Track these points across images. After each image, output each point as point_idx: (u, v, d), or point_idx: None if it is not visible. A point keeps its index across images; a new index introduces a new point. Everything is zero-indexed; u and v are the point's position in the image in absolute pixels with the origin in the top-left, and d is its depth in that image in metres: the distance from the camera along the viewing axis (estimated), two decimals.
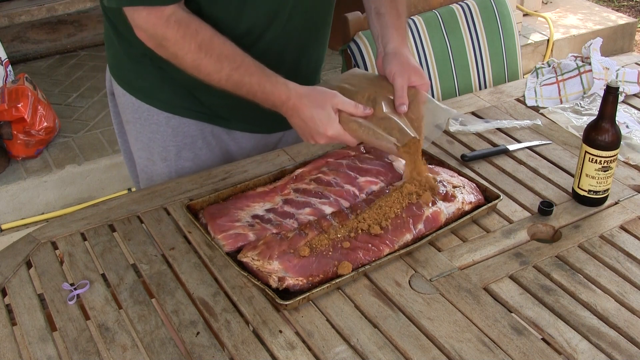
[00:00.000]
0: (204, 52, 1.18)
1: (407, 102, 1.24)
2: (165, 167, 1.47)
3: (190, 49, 1.18)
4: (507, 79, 1.96)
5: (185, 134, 1.43)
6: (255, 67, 1.21)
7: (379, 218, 1.21)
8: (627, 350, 1.01)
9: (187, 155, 1.46)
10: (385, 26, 1.34)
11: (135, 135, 1.46)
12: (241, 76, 1.20)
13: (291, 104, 1.21)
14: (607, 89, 1.22)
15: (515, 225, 1.27)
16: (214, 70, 1.20)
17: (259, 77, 1.20)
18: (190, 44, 1.17)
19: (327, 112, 1.20)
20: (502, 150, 1.49)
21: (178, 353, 1.02)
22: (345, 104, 1.21)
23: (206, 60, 1.18)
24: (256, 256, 1.14)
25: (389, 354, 1.01)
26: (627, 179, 1.40)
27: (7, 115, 2.70)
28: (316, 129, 1.21)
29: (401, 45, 1.32)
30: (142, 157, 1.48)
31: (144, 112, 1.42)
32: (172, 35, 1.17)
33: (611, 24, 4.04)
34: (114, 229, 1.28)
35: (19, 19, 4.10)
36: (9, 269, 1.18)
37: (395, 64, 1.27)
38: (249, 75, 1.20)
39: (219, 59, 1.19)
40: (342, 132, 1.21)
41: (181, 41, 1.17)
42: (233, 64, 1.19)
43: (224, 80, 1.20)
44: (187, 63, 1.20)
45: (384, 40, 1.33)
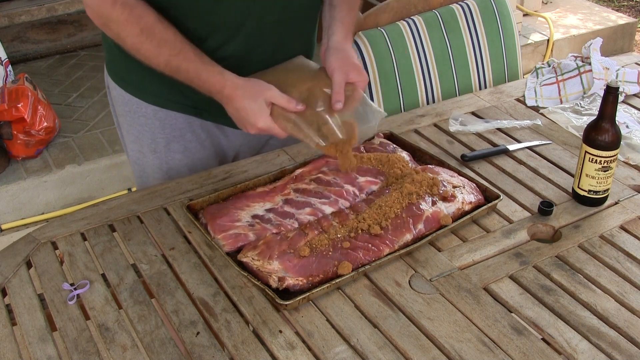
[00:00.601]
0: (145, 36, 1.21)
1: (343, 100, 1.24)
2: (156, 158, 1.48)
3: (132, 32, 1.21)
4: (507, 79, 1.96)
5: (173, 127, 1.45)
6: (194, 54, 1.23)
7: (379, 218, 1.21)
8: (627, 350, 1.01)
9: (176, 147, 1.47)
10: (334, 18, 1.35)
11: (127, 128, 1.49)
12: (179, 62, 1.22)
13: (226, 93, 1.23)
14: (607, 89, 1.22)
15: (515, 225, 1.27)
16: (153, 55, 1.23)
17: (196, 64, 1.23)
18: (133, 27, 1.20)
19: (259, 104, 1.21)
20: (502, 150, 1.49)
21: (178, 353, 1.02)
22: (278, 98, 1.22)
23: (147, 45, 1.21)
24: (256, 256, 1.14)
25: (389, 354, 1.01)
26: (627, 179, 1.40)
27: (7, 115, 2.70)
28: (247, 119, 1.23)
29: (345, 39, 1.33)
30: (134, 150, 1.51)
31: (133, 105, 1.44)
32: (116, 17, 1.20)
33: (611, 24, 4.04)
34: (114, 229, 1.28)
35: (19, 19, 4.10)
36: (9, 269, 1.18)
37: (335, 59, 1.27)
38: (187, 61, 1.23)
39: (159, 44, 1.21)
40: (272, 125, 1.23)
41: (124, 24, 1.20)
42: (173, 50, 1.22)
43: (162, 65, 1.23)
44: (129, 45, 1.23)
45: (329, 33, 1.33)
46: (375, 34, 1.78)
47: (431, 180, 1.29)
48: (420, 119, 1.64)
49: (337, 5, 1.36)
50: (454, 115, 1.62)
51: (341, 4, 1.36)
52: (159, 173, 1.49)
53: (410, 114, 1.67)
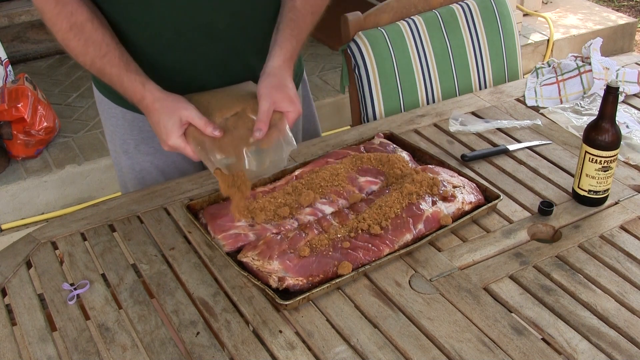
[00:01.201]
0: (74, 33, 1.20)
1: (264, 128, 1.16)
2: (128, 159, 1.48)
3: (61, 27, 1.20)
4: (507, 79, 1.96)
5: (141, 129, 1.44)
6: (119, 59, 1.22)
7: (379, 218, 1.21)
8: (627, 350, 1.01)
9: (146, 149, 1.46)
10: (275, 43, 1.27)
11: (104, 127, 1.50)
12: (103, 65, 1.22)
13: (144, 104, 1.22)
14: (607, 89, 1.22)
15: (515, 225, 1.27)
16: (80, 53, 1.22)
17: (120, 70, 1.22)
18: (63, 22, 1.20)
19: (173, 121, 1.19)
20: (502, 150, 1.49)
21: (178, 353, 1.02)
22: (195, 119, 1.18)
23: (74, 42, 1.21)
24: (256, 256, 1.14)
25: (389, 354, 1.01)
26: (627, 179, 1.40)
27: (7, 115, 2.70)
28: (160, 135, 1.21)
29: (283, 65, 1.24)
30: (111, 150, 1.52)
31: (105, 105, 1.45)
32: (48, 10, 1.19)
33: (611, 24, 4.04)
34: (114, 229, 1.28)
35: (19, 19, 4.10)
36: (9, 269, 1.18)
37: (265, 85, 1.20)
38: (111, 66, 1.22)
39: (86, 43, 1.21)
40: (182, 144, 1.20)
41: (55, 18, 1.20)
42: (98, 51, 1.21)
43: (88, 64, 1.23)
44: (59, 39, 1.22)
45: (268, 57, 1.26)
46: (375, 34, 1.78)
47: (431, 180, 1.29)
48: (420, 119, 1.64)
49: (280, 30, 1.28)
50: (454, 115, 1.62)
51: (284, 27, 1.28)
52: (132, 174, 1.49)
53: (410, 114, 1.67)
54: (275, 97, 1.19)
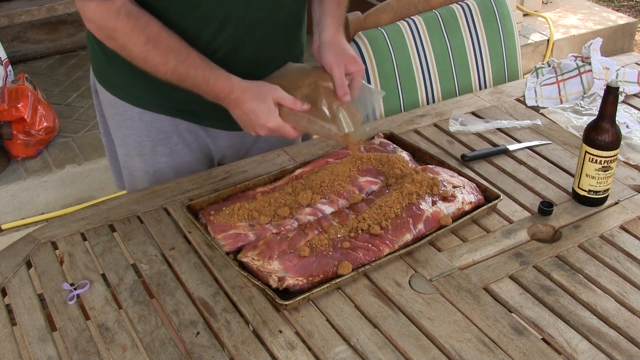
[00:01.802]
0: (152, 44, 1.20)
1: (348, 91, 1.27)
2: (142, 162, 1.47)
3: (138, 41, 1.20)
4: (507, 79, 1.96)
5: (159, 130, 1.44)
6: (200, 60, 1.24)
7: (379, 218, 1.21)
8: (627, 350, 1.01)
9: (162, 150, 1.46)
10: (324, 14, 1.36)
11: (114, 131, 1.49)
12: (187, 69, 1.23)
13: (234, 97, 1.24)
14: (607, 89, 1.22)
15: (515, 225, 1.27)
16: (161, 63, 1.22)
17: (204, 70, 1.24)
18: (139, 36, 1.20)
19: (268, 105, 1.23)
20: (502, 150, 1.49)
21: (178, 353, 1.02)
22: (285, 98, 1.24)
23: (154, 53, 1.21)
24: (256, 256, 1.14)
25: (389, 354, 1.01)
26: (627, 179, 1.40)
27: (7, 115, 2.70)
28: (257, 121, 1.24)
29: (336, 33, 1.35)
30: (122, 153, 1.51)
31: (119, 107, 1.44)
32: (121, 27, 1.19)
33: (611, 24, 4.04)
34: (114, 229, 1.28)
35: (19, 19, 4.10)
36: (9, 269, 1.18)
37: (331, 54, 1.30)
38: (195, 68, 1.23)
39: (165, 52, 1.21)
40: (282, 124, 1.25)
41: (130, 33, 1.20)
42: (179, 57, 1.22)
43: (170, 72, 1.23)
44: (135, 55, 1.22)
45: (320, 28, 1.36)
46: (375, 34, 1.78)
47: (431, 180, 1.29)
48: (420, 119, 1.64)
49: (325, 1, 1.38)
50: (454, 115, 1.62)
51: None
52: (146, 176, 1.49)
53: (410, 114, 1.67)
54: (343, 62, 1.29)
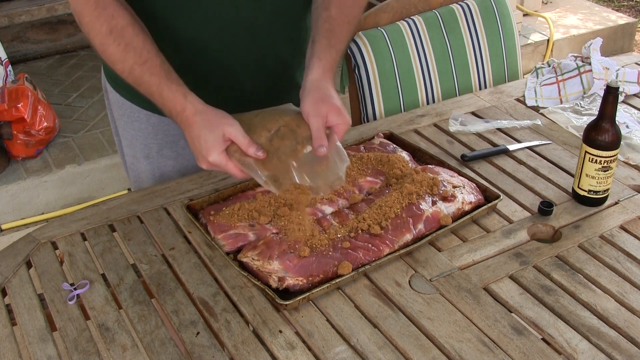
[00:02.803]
0: (113, 38, 1.15)
1: (326, 144, 1.13)
2: (148, 164, 1.47)
3: (100, 31, 1.15)
4: (507, 79, 1.96)
5: (166, 133, 1.44)
6: (160, 68, 1.16)
7: (379, 218, 1.21)
8: (627, 350, 1.01)
9: (168, 153, 1.46)
10: (312, 54, 1.22)
11: (122, 132, 1.48)
12: (142, 73, 1.16)
13: (184, 117, 1.15)
14: (607, 89, 1.22)
15: (515, 225, 1.27)
16: (119, 59, 1.16)
17: (160, 79, 1.15)
18: (102, 26, 1.14)
19: (215, 136, 1.12)
20: (502, 150, 1.49)
21: (178, 353, 1.02)
22: (239, 137, 1.12)
23: (113, 47, 1.15)
24: (256, 256, 1.14)
25: (389, 354, 1.01)
26: (627, 179, 1.40)
27: (7, 115, 2.70)
28: (200, 151, 1.14)
29: (323, 77, 1.20)
30: (128, 155, 1.50)
31: (127, 109, 1.43)
32: (87, 13, 1.15)
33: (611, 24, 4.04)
34: (114, 229, 1.28)
35: (19, 19, 4.10)
36: (9, 269, 1.18)
37: (309, 102, 1.16)
38: (150, 74, 1.15)
39: (125, 49, 1.15)
40: (224, 161, 1.13)
41: (94, 21, 1.15)
42: (138, 58, 1.15)
43: (126, 72, 1.17)
44: (96, 45, 1.17)
45: (307, 71, 1.22)
46: (375, 34, 1.78)
47: (431, 180, 1.29)
48: (420, 119, 1.64)
49: (316, 41, 1.24)
50: (454, 115, 1.62)
51: (320, 38, 1.24)
52: (152, 179, 1.49)
53: (410, 114, 1.67)
54: (322, 112, 1.15)
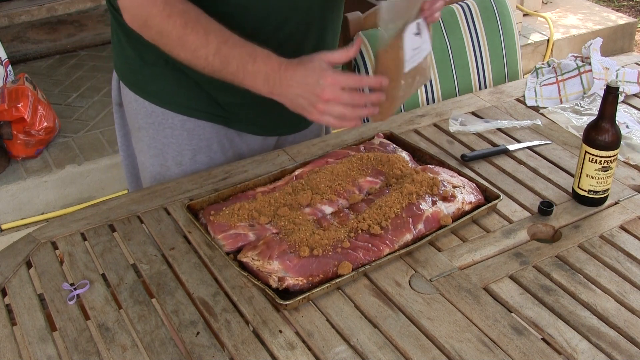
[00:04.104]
0: (191, 27, 1.15)
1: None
2: (181, 171, 1.45)
3: (175, 25, 1.15)
4: (507, 79, 1.96)
5: (201, 137, 1.43)
6: (242, 40, 1.17)
7: (379, 218, 1.21)
8: (627, 350, 1.01)
9: (202, 159, 1.45)
10: None
11: (148, 142, 1.44)
12: (230, 49, 1.15)
13: (283, 69, 1.15)
14: (607, 89, 1.22)
15: (515, 225, 1.27)
16: (201, 45, 1.16)
17: (250, 47, 1.16)
18: (176, 20, 1.15)
19: (319, 63, 1.15)
20: (502, 150, 1.49)
21: (178, 353, 1.02)
22: (335, 54, 1.16)
23: (192, 36, 1.15)
24: (256, 256, 1.14)
25: (389, 354, 1.01)
26: (627, 179, 1.40)
27: (7, 115, 2.70)
28: (314, 83, 1.13)
29: None
30: (154, 164, 1.46)
31: (158, 116, 1.41)
32: (157, 13, 1.15)
33: (611, 24, 4.04)
34: (114, 229, 1.28)
35: (19, 19, 4.10)
36: (9, 269, 1.18)
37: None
38: (240, 46, 1.16)
39: (206, 33, 1.15)
40: (340, 77, 1.13)
41: (166, 20, 1.16)
42: (221, 38, 1.15)
43: (211, 55, 1.16)
44: (173, 39, 1.17)
45: None
46: (375, 34, 1.78)
47: (431, 180, 1.29)
48: (420, 119, 1.64)
49: None
50: (454, 115, 1.62)
51: None
52: None
53: (410, 114, 1.67)
54: None
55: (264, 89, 1.18)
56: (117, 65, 1.45)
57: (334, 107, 1.15)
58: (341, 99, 1.14)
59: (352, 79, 1.16)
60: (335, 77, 1.13)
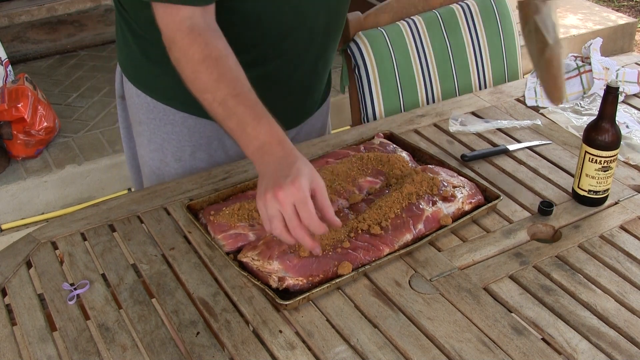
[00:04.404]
0: (206, 66, 1.11)
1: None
2: (180, 167, 1.46)
3: (193, 58, 1.12)
4: (507, 79, 1.96)
5: (201, 134, 1.43)
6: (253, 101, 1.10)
7: (379, 218, 1.21)
8: (627, 350, 1.01)
9: (201, 156, 1.45)
10: None
11: (149, 136, 1.45)
12: (236, 104, 1.09)
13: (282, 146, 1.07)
14: (607, 89, 1.22)
15: (515, 225, 1.27)
16: (210, 88, 1.11)
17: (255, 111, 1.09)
18: (195, 52, 1.11)
19: (310, 169, 1.05)
20: (502, 150, 1.49)
21: (178, 353, 1.02)
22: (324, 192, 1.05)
23: (205, 76, 1.11)
24: (256, 256, 1.14)
25: (389, 354, 1.01)
26: (627, 179, 1.40)
27: (7, 115, 2.70)
28: (287, 175, 1.02)
29: None
30: (154, 159, 1.47)
31: (159, 112, 1.41)
32: (180, 39, 1.12)
33: (611, 24, 4.04)
34: (114, 229, 1.28)
35: (19, 19, 4.10)
36: (9, 269, 1.18)
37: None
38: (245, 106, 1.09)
39: (218, 79, 1.10)
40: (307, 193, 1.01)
41: (187, 47, 1.12)
42: (232, 90, 1.10)
43: (216, 102, 1.11)
44: (187, 73, 1.14)
45: None
46: (375, 34, 1.78)
47: (431, 180, 1.29)
48: (420, 119, 1.64)
49: None
50: (454, 115, 1.62)
51: None
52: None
53: (410, 114, 1.67)
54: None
55: (253, 155, 1.09)
56: (121, 60, 1.46)
57: (273, 208, 1.01)
58: (285, 208, 1.01)
59: (308, 204, 1.01)
60: (301, 188, 1.00)
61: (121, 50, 1.44)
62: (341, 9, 1.42)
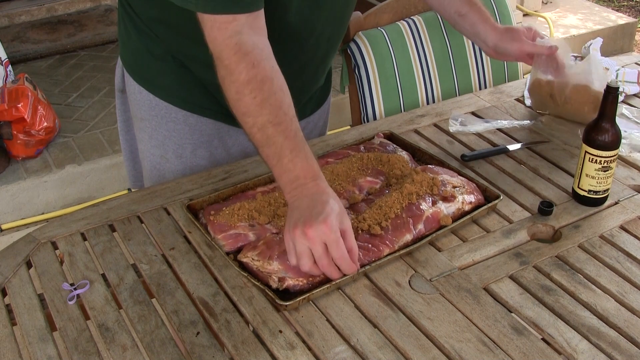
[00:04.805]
0: (250, 89, 1.08)
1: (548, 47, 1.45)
2: (180, 163, 1.46)
3: (238, 79, 1.08)
4: (507, 79, 1.96)
5: (203, 133, 1.44)
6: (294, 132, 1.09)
7: (379, 218, 1.21)
8: (627, 350, 1.01)
9: (202, 153, 1.46)
10: (474, 24, 1.50)
11: (150, 132, 1.46)
12: (276, 133, 1.07)
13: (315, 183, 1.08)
14: (607, 89, 1.22)
15: (515, 225, 1.27)
16: (252, 112, 1.08)
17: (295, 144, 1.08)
18: (241, 73, 1.08)
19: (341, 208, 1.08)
20: (502, 150, 1.49)
21: (178, 353, 1.02)
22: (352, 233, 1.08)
23: (248, 99, 1.08)
24: (256, 256, 1.14)
25: (389, 354, 1.01)
26: (627, 179, 1.40)
27: (7, 115, 2.70)
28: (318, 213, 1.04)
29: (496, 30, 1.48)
30: (155, 155, 1.48)
31: (161, 109, 1.42)
32: (227, 57, 1.09)
33: (611, 24, 4.04)
34: (114, 229, 1.28)
35: (19, 19, 4.10)
36: (9, 269, 1.18)
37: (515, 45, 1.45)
38: (285, 137, 1.07)
39: (261, 104, 1.07)
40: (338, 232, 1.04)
41: (233, 66, 1.08)
42: (274, 118, 1.07)
43: (256, 127, 1.09)
44: (230, 93, 1.11)
45: (482, 37, 1.50)
46: (375, 34, 1.78)
47: (431, 180, 1.29)
48: (420, 119, 1.64)
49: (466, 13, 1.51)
50: (454, 116, 1.62)
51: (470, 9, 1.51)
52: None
53: (410, 114, 1.67)
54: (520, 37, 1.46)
55: (285, 186, 1.10)
56: (123, 56, 1.46)
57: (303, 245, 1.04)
58: (316, 247, 1.04)
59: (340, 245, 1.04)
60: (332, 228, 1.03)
61: (124, 45, 1.44)
62: (346, 18, 1.43)
